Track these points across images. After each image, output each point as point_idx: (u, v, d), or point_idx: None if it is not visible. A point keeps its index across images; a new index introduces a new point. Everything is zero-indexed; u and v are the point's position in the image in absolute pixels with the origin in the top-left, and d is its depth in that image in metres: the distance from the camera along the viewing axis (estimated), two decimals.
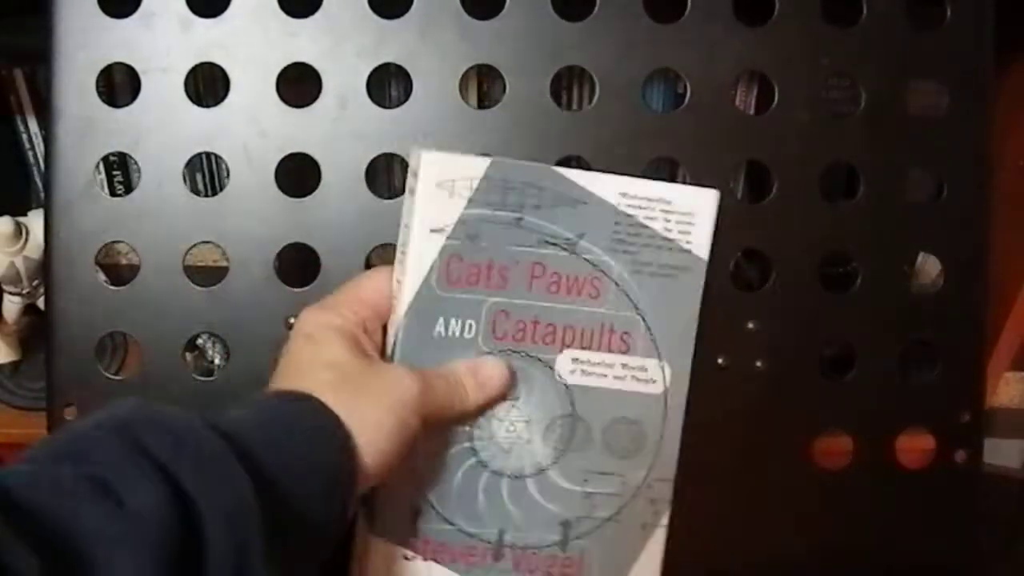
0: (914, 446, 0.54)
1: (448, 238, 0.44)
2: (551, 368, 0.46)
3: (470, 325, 0.45)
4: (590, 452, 0.47)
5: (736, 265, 0.52)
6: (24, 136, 0.76)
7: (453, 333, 0.45)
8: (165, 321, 0.49)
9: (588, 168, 0.49)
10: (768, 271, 0.51)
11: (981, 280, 0.53)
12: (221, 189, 0.49)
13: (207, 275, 0.50)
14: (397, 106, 0.49)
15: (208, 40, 0.48)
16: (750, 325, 0.51)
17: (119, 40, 0.48)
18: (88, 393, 0.49)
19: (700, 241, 0.47)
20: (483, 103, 0.60)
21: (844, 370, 0.53)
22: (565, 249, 0.45)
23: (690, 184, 0.50)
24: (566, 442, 0.47)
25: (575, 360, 0.46)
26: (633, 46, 0.50)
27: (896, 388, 0.53)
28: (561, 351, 0.46)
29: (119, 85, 0.56)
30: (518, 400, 0.46)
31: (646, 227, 0.46)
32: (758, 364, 0.51)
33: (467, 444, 0.46)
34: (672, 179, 0.51)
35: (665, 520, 0.48)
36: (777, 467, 0.52)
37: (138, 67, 0.48)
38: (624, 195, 0.46)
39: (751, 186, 0.58)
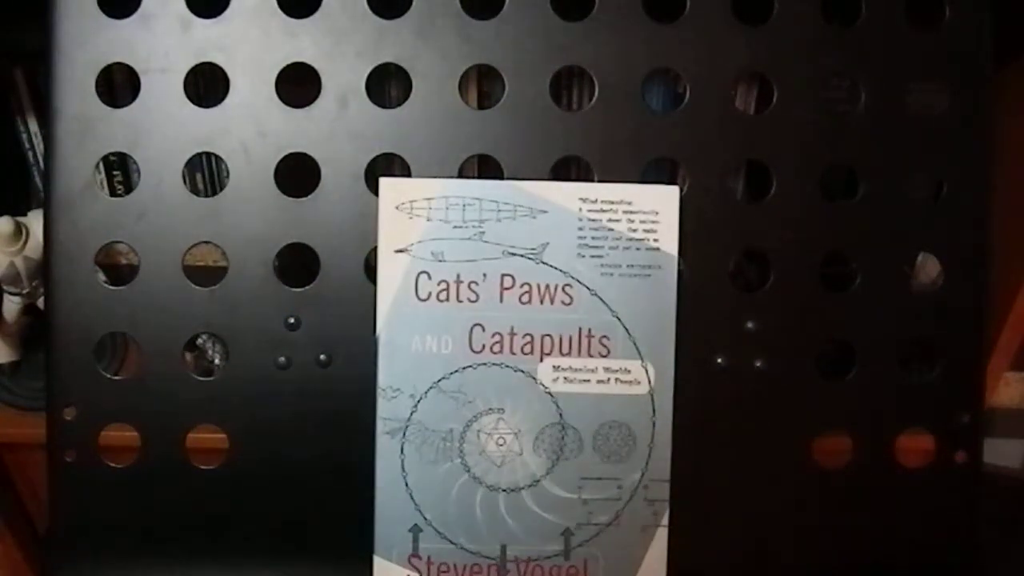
0: (914, 446, 0.54)
1: (413, 257, 0.46)
2: (533, 378, 0.47)
3: (446, 340, 0.46)
4: (582, 458, 0.47)
5: (736, 265, 0.52)
6: (24, 136, 0.76)
7: (430, 348, 0.46)
8: (165, 321, 0.49)
9: (588, 169, 0.50)
10: (768, 271, 0.51)
11: (981, 280, 0.53)
12: (221, 189, 0.49)
13: (207, 275, 0.50)
14: (397, 106, 0.49)
15: (208, 40, 0.48)
16: (749, 325, 0.51)
17: (119, 40, 0.48)
18: (88, 393, 0.50)
19: (667, 238, 0.47)
20: (483, 103, 0.60)
21: (844, 370, 0.53)
22: (531, 259, 0.46)
23: (687, 184, 0.50)
24: (557, 451, 0.47)
25: (556, 368, 0.47)
26: (633, 46, 0.50)
27: (896, 388, 0.53)
28: (541, 360, 0.47)
29: (119, 85, 0.56)
30: (504, 412, 0.46)
31: (611, 230, 0.47)
32: (757, 364, 0.51)
33: (457, 461, 0.46)
34: (672, 179, 0.51)
35: (665, 520, 0.48)
36: (777, 467, 0.52)
37: (138, 67, 0.48)
38: (585, 200, 0.47)
39: (751, 186, 0.58)
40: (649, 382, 0.47)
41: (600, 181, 0.49)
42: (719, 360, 0.51)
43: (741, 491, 0.52)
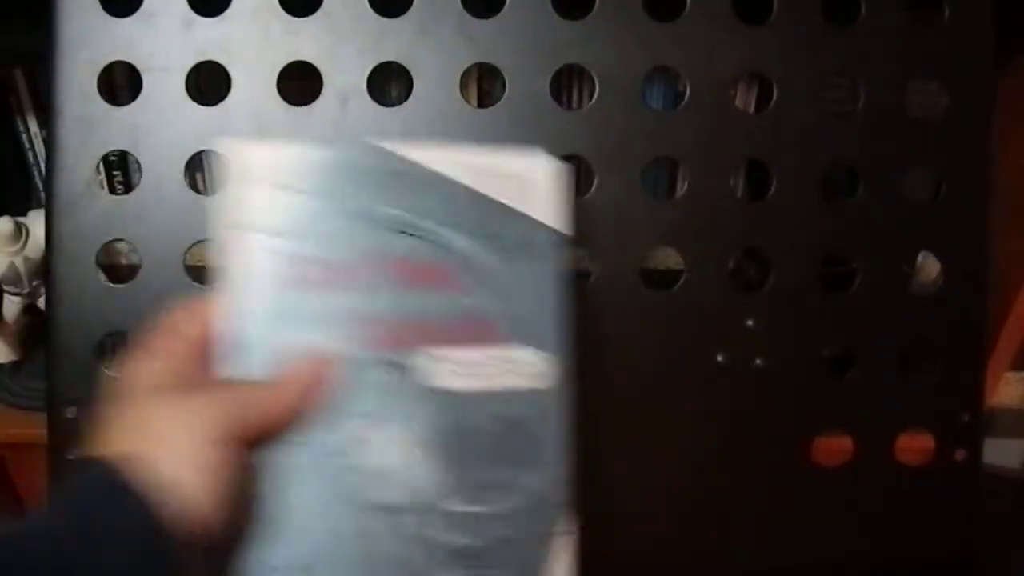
0: (914, 446, 0.54)
1: (275, 237, 0.38)
2: (418, 374, 0.39)
3: (316, 336, 0.38)
4: (477, 465, 0.40)
5: (736, 264, 0.52)
6: (24, 136, 0.76)
7: (299, 344, 0.38)
8: None
9: (588, 168, 0.50)
10: (768, 271, 0.51)
11: (981, 280, 0.53)
12: None
13: (207, 274, 0.50)
14: (398, 105, 0.49)
15: (209, 39, 0.48)
16: (749, 323, 0.51)
17: (120, 39, 0.48)
18: (88, 393, 0.49)
19: (554, 212, 0.41)
20: (483, 101, 0.60)
21: (844, 370, 0.53)
22: (413, 235, 0.39)
23: (687, 184, 0.50)
24: (450, 458, 0.39)
25: (441, 361, 0.40)
26: (633, 45, 0.50)
27: (896, 388, 0.53)
28: (425, 353, 0.39)
29: (120, 84, 0.56)
30: (385, 418, 0.39)
31: (497, 202, 0.40)
32: (757, 362, 0.51)
33: (341, 481, 0.38)
34: (672, 179, 0.51)
35: (571, 524, 0.42)
36: (776, 466, 0.52)
37: (139, 66, 0.48)
38: (469, 168, 0.40)
39: (751, 186, 0.58)
40: (545, 374, 0.41)
41: (599, 181, 0.49)
42: (719, 358, 0.51)
43: (740, 490, 0.52)
